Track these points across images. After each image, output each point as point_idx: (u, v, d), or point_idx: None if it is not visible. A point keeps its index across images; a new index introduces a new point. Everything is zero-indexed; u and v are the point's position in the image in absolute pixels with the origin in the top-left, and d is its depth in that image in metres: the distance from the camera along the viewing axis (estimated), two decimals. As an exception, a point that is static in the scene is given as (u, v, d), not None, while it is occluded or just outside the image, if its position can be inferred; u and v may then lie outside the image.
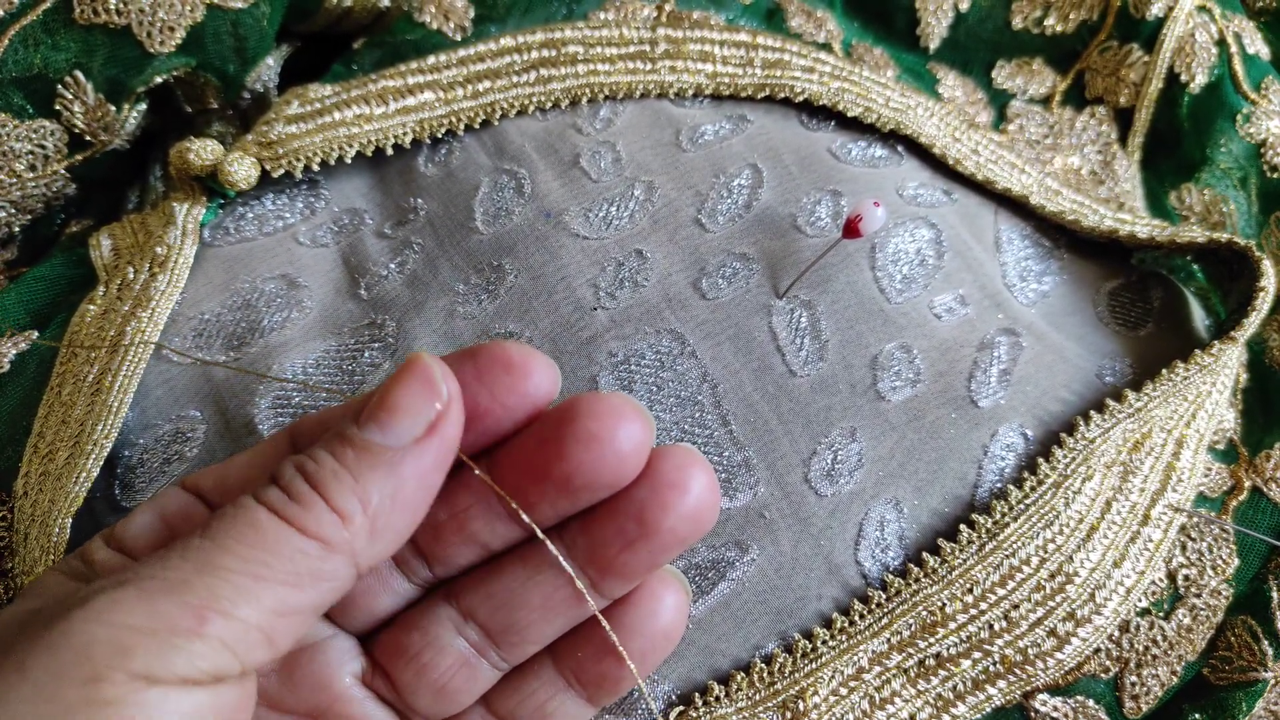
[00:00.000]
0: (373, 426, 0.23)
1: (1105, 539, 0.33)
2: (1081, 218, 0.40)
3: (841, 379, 0.34)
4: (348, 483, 0.23)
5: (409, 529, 0.24)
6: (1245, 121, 0.44)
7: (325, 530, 0.22)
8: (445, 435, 0.23)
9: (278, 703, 0.27)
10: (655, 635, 0.27)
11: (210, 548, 0.22)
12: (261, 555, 0.22)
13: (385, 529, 0.23)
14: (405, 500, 0.23)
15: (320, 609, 0.23)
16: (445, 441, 0.23)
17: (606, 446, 0.24)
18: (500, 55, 0.40)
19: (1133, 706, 0.34)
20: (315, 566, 0.22)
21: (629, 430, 0.24)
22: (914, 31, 0.47)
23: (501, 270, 0.35)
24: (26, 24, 0.37)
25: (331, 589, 0.23)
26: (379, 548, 0.23)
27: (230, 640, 0.21)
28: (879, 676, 0.32)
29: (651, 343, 0.33)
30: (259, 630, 0.21)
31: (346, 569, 0.23)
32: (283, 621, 0.22)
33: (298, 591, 0.22)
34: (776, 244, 0.35)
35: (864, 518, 0.33)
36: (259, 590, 0.21)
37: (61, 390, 0.33)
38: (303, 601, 0.22)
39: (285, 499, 0.23)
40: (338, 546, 0.22)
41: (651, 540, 0.25)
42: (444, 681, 0.27)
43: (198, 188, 0.37)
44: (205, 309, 0.35)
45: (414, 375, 0.23)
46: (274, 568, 0.22)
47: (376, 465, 0.23)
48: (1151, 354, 0.38)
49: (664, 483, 0.24)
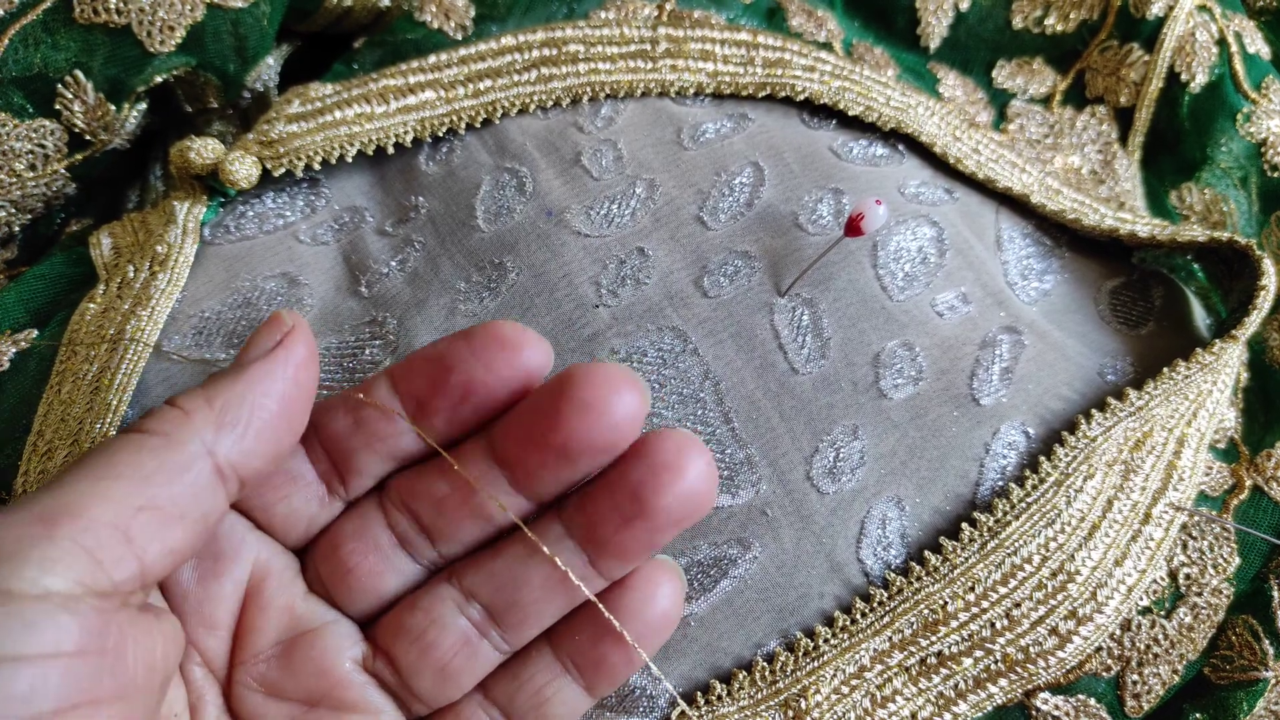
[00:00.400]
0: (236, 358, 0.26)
1: (1107, 537, 0.33)
2: (1082, 217, 0.40)
3: (843, 377, 0.34)
4: (195, 390, 0.25)
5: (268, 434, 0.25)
6: (1246, 121, 0.44)
7: (165, 425, 0.24)
8: (292, 349, 0.25)
9: (277, 689, 0.27)
10: (651, 620, 0.27)
11: (62, 470, 0.23)
12: (105, 460, 0.23)
13: (236, 420, 0.24)
14: (256, 400, 0.25)
15: (187, 512, 0.23)
16: (293, 354, 0.25)
17: (601, 413, 0.24)
18: (501, 54, 0.40)
19: (1134, 705, 0.34)
20: (161, 458, 0.23)
21: (622, 397, 0.25)
22: (914, 31, 0.47)
23: (503, 268, 0.35)
24: (26, 23, 0.37)
25: (189, 482, 0.23)
26: (234, 439, 0.24)
27: (83, 540, 0.21)
28: (880, 675, 0.32)
29: (654, 340, 0.33)
30: (111, 526, 0.22)
31: (200, 460, 0.23)
32: (140, 516, 0.22)
33: (147, 485, 0.22)
34: (778, 242, 0.35)
35: (866, 515, 0.33)
36: (105, 488, 0.22)
37: (61, 388, 0.33)
38: (158, 495, 0.23)
39: (139, 418, 0.24)
40: (181, 436, 0.23)
41: (648, 519, 0.25)
42: (446, 661, 0.27)
43: (198, 186, 0.37)
44: (206, 307, 0.35)
45: (267, 320, 0.26)
46: (118, 464, 0.22)
47: (223, 376, 0.25)
48: (1153, 353, 0.38)
49: (661, 463, 0.25)
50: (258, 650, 0.27)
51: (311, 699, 0.27)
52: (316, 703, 0.27)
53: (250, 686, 0.27)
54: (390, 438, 0.27)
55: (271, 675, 0.27)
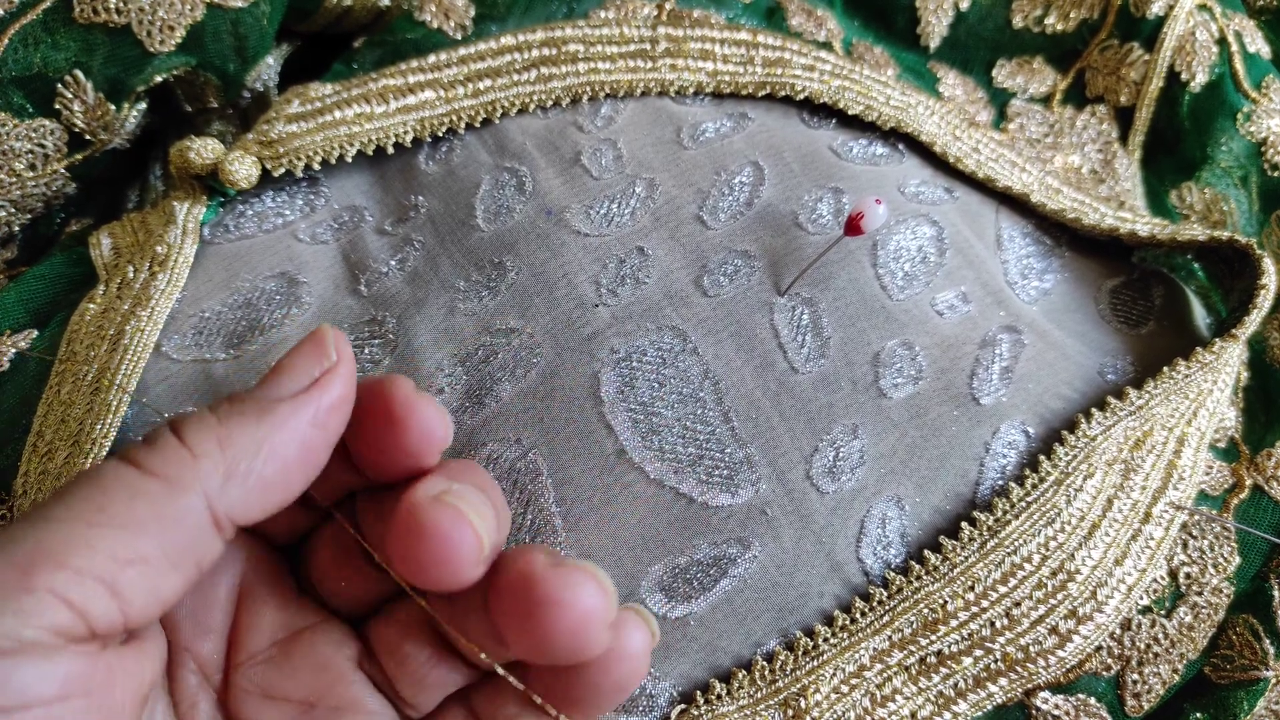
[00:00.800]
0: (260, 386, 0.23)
1: (1107, 537, 0.33)
2: (1082, 216, 0.40)
3: (843, 376, 0.34)
4: (209, 422, 0.22)
5: (279, 485, 0.23)
6: (1246, 120, 0.44)
7: (170, 468, 0.21)
8: (327, 392, 0.23)
9: (274, 691, 0.26)
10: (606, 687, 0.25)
11: (50, 502, 0.21)
12: (98, 499, 0.21)
13: (246, 474, 0.22)
14: (274, 450, 0.22)
15: (179, 561, 0.22)
16: (326, 398, 0.23)
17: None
18: (501, 54, 0.40)
19: (1134, 705, 0.34)
20: (158, 507, 0.21)
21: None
22: (914, 30, 0.47)
23: (502, 267, 0.35)
24: (26, 23, 0.37)
25: (183, 534, 0.21)
26: (239, 495, 0.22)
27: (64, 592, 0.20)
28: (880, 674, 0.32)
29: (653, 339, 0.33)
30: (97, 580, 0.20)
31: (198, 511, 0.22)
32: (128, 571, 0.20)
33: (138, 536, 0.21)
34: (778, 241, 0.35)
35: (866, 515, 0.33)
36: (93, 537, 0.20)
37: (61, 389, 0.33)
38: (147, 548, 0.21)
39: (140, 446, 0.22)
40: (183, 484, 0.21)
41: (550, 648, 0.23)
42: (422, 674, 0.26)
43: (198, 186, 0.37)
44: (206, 307, 0.35)
45: (308, 340, 0.23)
46: (109, 511, 0.21)
47: (246, 411, 0.22)
48: (1153, 352, 0.38)
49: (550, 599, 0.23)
50: (254, 652, 0.27)
51: (308, 699, 0.26)
52: (314, 703, 0.26)
53: (248, 690, 0.27)
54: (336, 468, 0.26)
55: (268, 677, 0.27)
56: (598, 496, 0.31)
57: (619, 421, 0.32)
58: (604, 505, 0.31)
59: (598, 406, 0.32)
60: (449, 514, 0.23)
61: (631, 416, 0.32)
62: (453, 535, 0.22)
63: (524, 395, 0.32)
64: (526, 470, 0.32)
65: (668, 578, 0.31)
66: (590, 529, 0.31)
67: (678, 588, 0.31)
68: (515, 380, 0.33)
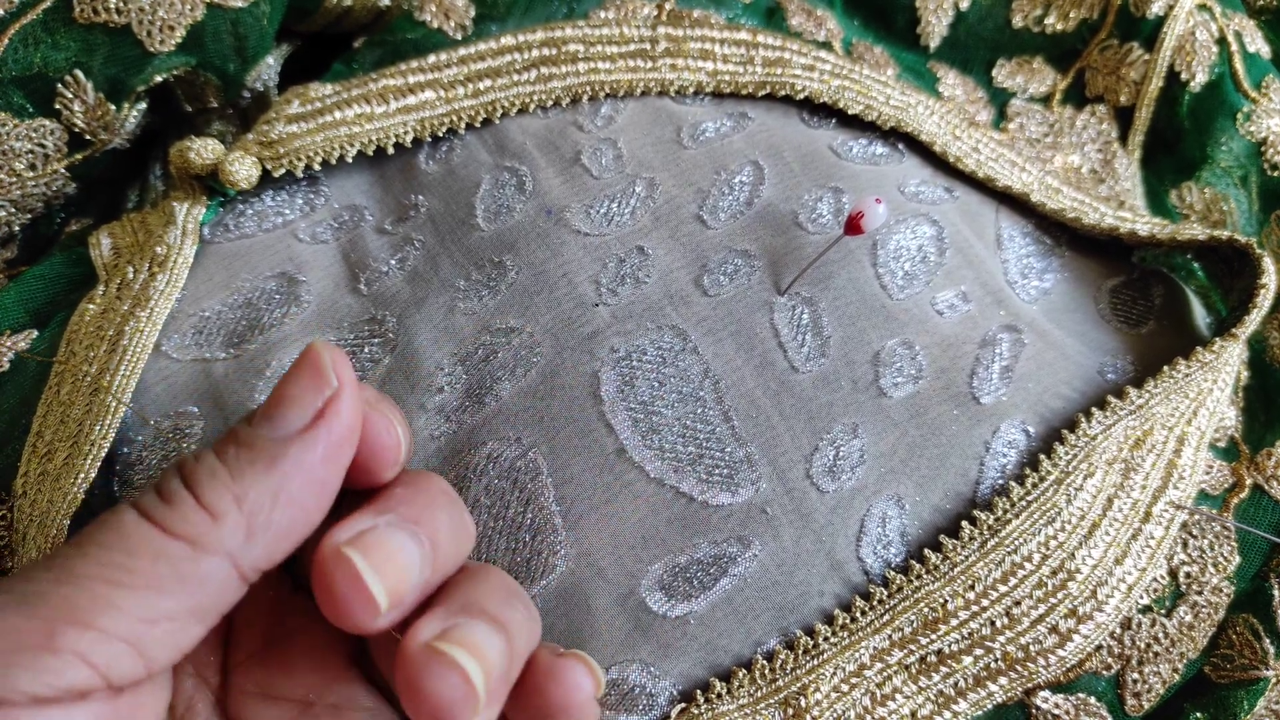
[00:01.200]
0: (262, 421, 0.22)
1: (1107, 536, 0.33)
2: (1082, 215, 0.40)
3: (843, 375, 0.34)
4: (223, 479, 0.22)
5: (299, 527, 0.23)
6: (1246, 120, 0.44)
7: (192, 529, 0.21)
8: (333, 424, 0.22)
9: (271, 690, 0.26)
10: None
11: (73, 555, 0.21)
12: (122, 559, 0.21)
13: (266, 527, 0.22)
14: (290, 496, 0.22)
15: (204, 615, 0.22)
16: (334, 431, 0.22)
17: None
18: (501, 54, 0.40)
19: (1134, 704, 0.34)
20: (182, 569, 0.21)
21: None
22: (914, 30, 0.47)
23: (503, 267, 0.35)
24: (26, 23, 0.37)
25: (209, 593, 0.21)
26: (261, 548, 0.22)
27: (88, 653, 0.20)
28: (880, 673, 0.32)
29: (653, 339, 0.33)
30: (122, 641, 0.20)
31: (223, 571, 0.22)
32: (153, 630, 0.20)
33: (164, 597, 0.21)
34: (778, 241, 0.35)
35: (866, 514, 0.33)
36: (119, 597, 0.20)
37: (60, 389, 0.33)
38: (173, 607, 0.21)
39: (156, 499, 0.22)
40: (207, 547, 0.21)
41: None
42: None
43: (198, 187, 0.37)
44: (206, 306, 0.35)
45: (304, 365, 0.23)
46: (135, 572, 0.20)
47: (256, 460, 0.22)
48: (1153, 351, 0.38)
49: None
50: (251, 652, 0.27)
51: (308, 698, 0.26)
52: (313, 702, 0.26)
53: (246, 690, 0.27)
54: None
55: (267, 676, 0.26)
56: (598, 495, 0.31)
57: (619, 420, 0.32)
58: (604, 504, 0.31)
59: (598, 405, 0.32)
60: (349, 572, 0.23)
61: (631, 415, 0.32)
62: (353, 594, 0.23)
63: (524, 394, 0.32)
64: (526, 469, 0.32)
65: (668, 576, 0.31)
66: (590, 528, 0.31)
67: (678, 586, 0.31)
68: (515, 379, 0.33)
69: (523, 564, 0.31)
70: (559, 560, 0.31)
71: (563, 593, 0.31)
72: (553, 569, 0.31)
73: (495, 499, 0.32)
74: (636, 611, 0.31)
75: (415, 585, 0.23)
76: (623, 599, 0.31)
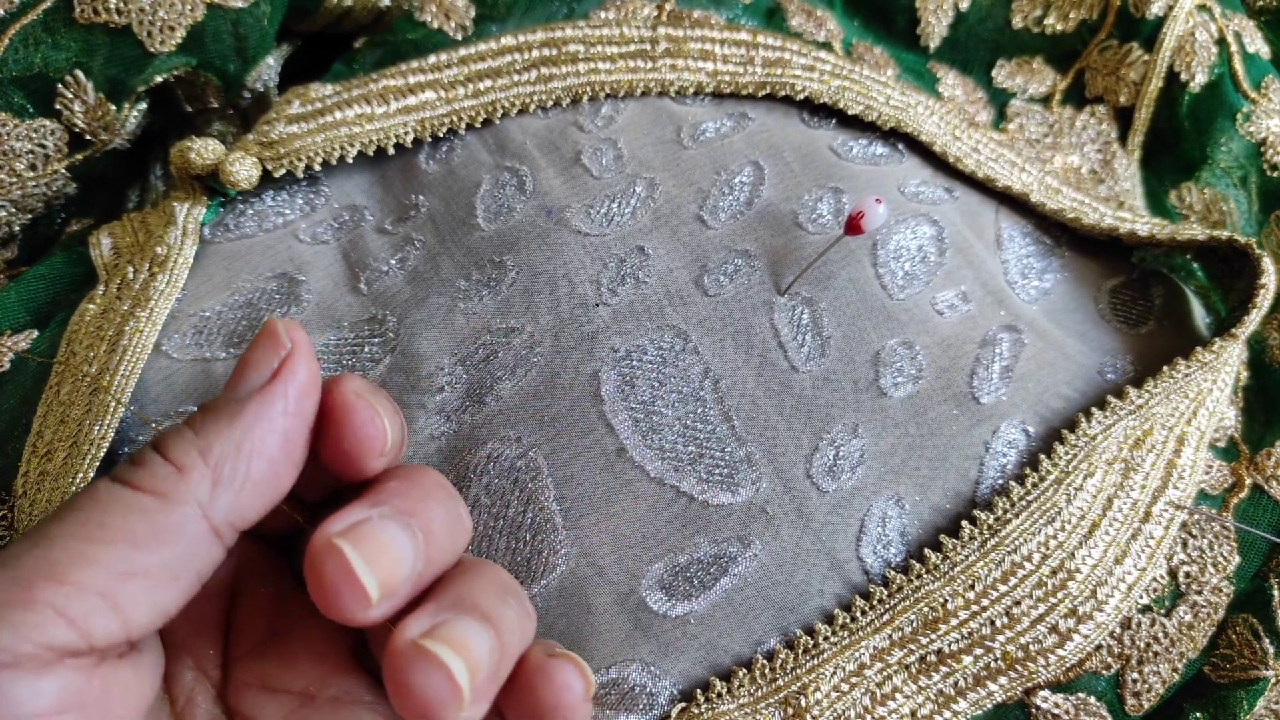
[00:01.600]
0: (226, 389, 0.24)
1: (1107, 536, 0.33)
2: (1082, 216, 0.40)
3: (843, 375, 0.34)
4: (187, 437, 0.23)
5: (267, 480, 0.23)
6: (1245, 120, 0.44)
7: (160, 483, 0.22)
8: (289, 379, 0.24)
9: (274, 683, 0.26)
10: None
11: (48, 521, 0.21)
12: (96, 518, 0.21)
13: (232, 476, 0.23)
14: (254, 447, 0.23)
15: (180, 572, 0.22)
16: (293, 385, 0.24)
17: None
18: (501, 54, 0.40)
19: (1134, 704, 0.34)
20: (155, 521, 0.22)
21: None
22: (914, 31, 0.47)
23: (503, 266, 0.35)
24: (27, 23, 0.37)
25: (183, 547, 0.22)
26: (229, 499, 0.23)
27: (65, 607, 0.20)
28: (880, 672, 0.32)
29: (654, 339, 0.33)
30: (98, 595, 0.21)
31: (195, 523, 0.22)
32: (129, 584, 0.21)
33: (138, 550, 0.21)
34: (778, 241, 0.35)
35: (866, 514, 0.33)
36: (93, 552, 0.21)
37: (60, 389, 0.33)
38: (148, 561, 0.21)
39: (128, 465, 0.23)
40: (176, 497, 0.22)
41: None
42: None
43: (198, 187, 0.37)
44: (206, 306, 0.35)
45: (260, 335, 0.24)
46: (108, 527, 0.21)
47: (219, 417, 0.23)
48: (1153, 351, 0.38)
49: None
50: (251, 646, 0.27)
51: (308, 690, 0.26)
52: (313, 694, 0.26)
53: (248, 683, 0.27)
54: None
55: (267, 670, 0.27)
56: (598, 495, 0.32)
57: (619, 420, 0.32)
58: (604, 504, 0.31)
59: (598, 405, 0.32)
60: (339, 563, 0.23)
61: (632, 415, 0.32)
62: (345, 585, 0.23)
63: (524, 394, 0.33)
64: (527, 469, 0.32)
65: (668, 576, 0.31)
66: (590, 527, 0.31)
67: (678, 586, 0.31)
68: (515, 379, 0.33)
69: (523, 563, 0.31)
70: (559, 560, 0.31)
71: (563, 592, 0.31)
72: (553, 568, 0.31)
73: (495, 498, 0.32)
74: (637, 611, 0.31)
75: (407, 578, 0.24)
76: (623, 598, 0.31)
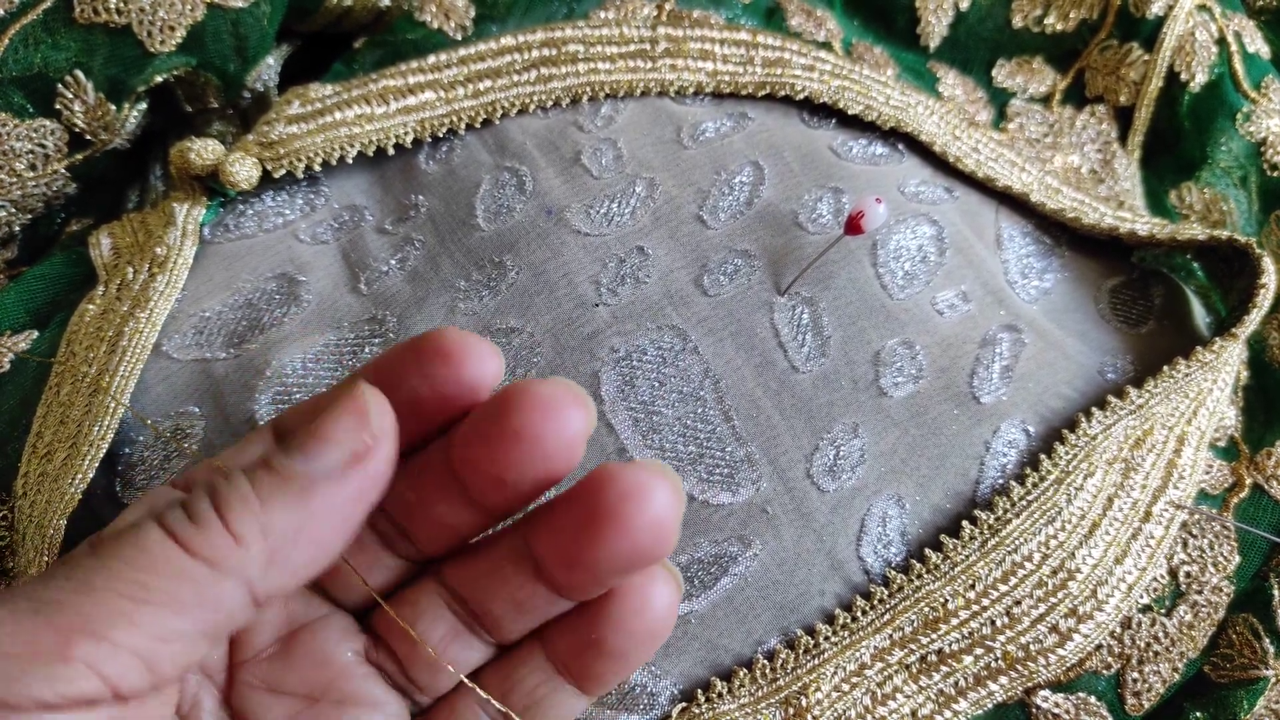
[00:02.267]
0: (297, 453, 0.22)
1: (1107, 535, 0.33)
2: (1082, 215, 0.40)
3: (844, 375, 0.34)
4: (253, 506, 0.22)
5: (316, 563, 0.23)
6: (1245, 120, 0.44)
7: (215, 552, 0.21)
8: (369, 470, 0.22)
9: (278, 685, 0.27)
10: (638, 633, 0.25)
11: (93, 566, 0.21)
12: (143, 576, 0.21)
13: (286, 561, 0.22)
14: (313, 535, 0.22)
15: (213, 636, 0.22)
16: (369, 477, 0.22)
17: (534, 444, 0.23)
18: (501, 54, 0.40)
19: (1134, 703, 0.34)
20: (201, 591, 0.21)
21: (556, 424, 0.23)
22: (914, 30, 0.47)
23: (503, 267, 0.35)
24: (27, 23, 0.37)
25: (222, 616, 0.22)
26: (278, 579, 0.22)
27: (100, 665, 0.20)
28: (881, 672, 0.32)
29: (653, 339, 0.33)
30: (134, 656, 0.20)
31: (239, 595, 0.22)
32: (166, 647, 0.21)
33: (180, 616, 0.21)
34: (778, 241, 0.35)
35: (866, 513, 0.33)
36: (135, 613, 0.20)
37: (60, 389, 0.33)
38: (186, 627, 0.21)
39: (183, 518, 0.22)
40: (228, 570, 0.21)
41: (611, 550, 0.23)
42: (439, 653, 0.26)
43: (198, 187, 0.37)
44: (206, 306, 0.35)
45: (348, 406, 0.23)
46: (154, 589, 0.21)
47: (288, 491, 0.22)
48: (1153, 351, 0.38)
49: (624, 492, 0.23)
50: (257, 649, 0.27)
51: (313, 693, 0.27)
52: (318, 697, 0.27)
53: (252, 685, 0.27)
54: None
55: (273, 672, 0.27)
56: (598, 495, 0.31)
57: (619, 420, 0.32)
58: (605, 504, 0.31)
59: (598, 405, 0.32)
60: (557, 394, 0.23)
61: (632, 415, 0.32)
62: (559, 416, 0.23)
63: (524, 394, 0.32)
64: (527, 469, 0.32)
65: (668, 576, 0.31)
66: (591, 528, 0.31)
67: (678, 586, 0.31)
68: (516, 379, 0.33)
69: (523, 564, 0.31)
70: (560, 560, 0.31)
71: (563, 592, 0.31)
72: (553, 569, 0.31)
73: (496, 499, 0.32)
74: (637, 611, 0.31)
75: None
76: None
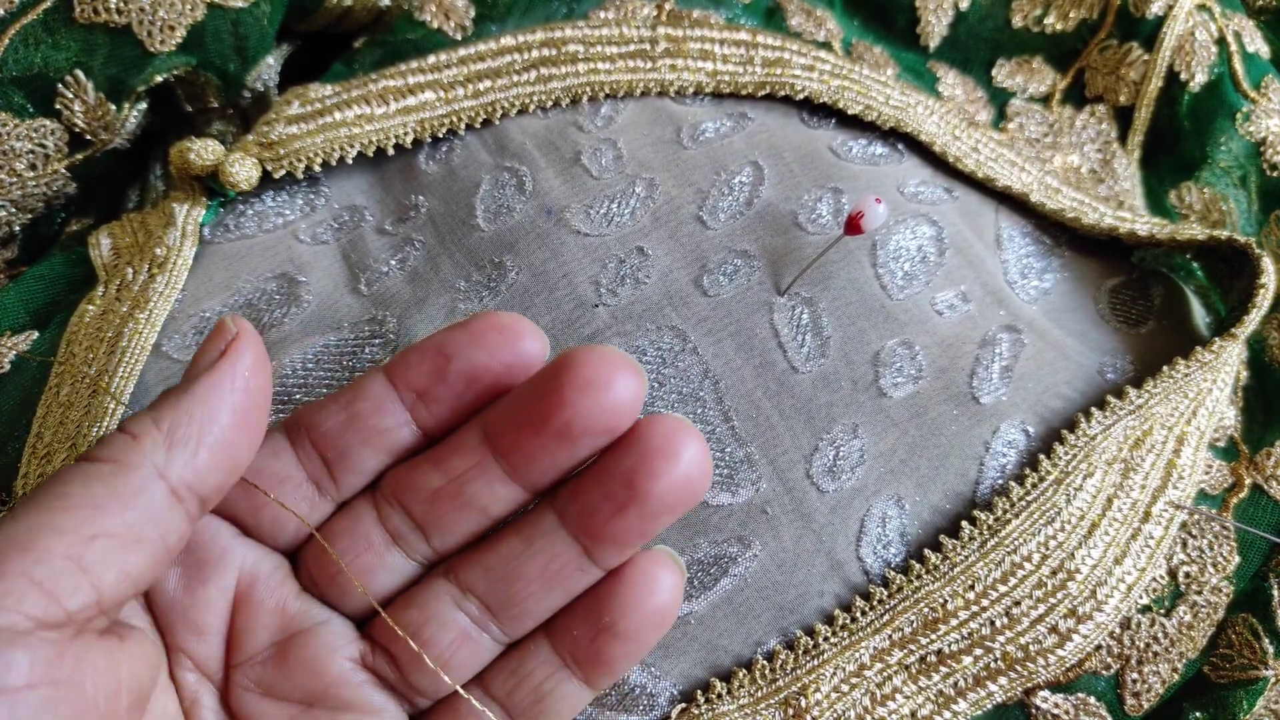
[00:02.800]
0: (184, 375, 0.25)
1: (1106, 536, 0.33)
2: (1081, 215, 0.40)
3: (843, 375, 0.34)
4: (143, 412, 0.24)
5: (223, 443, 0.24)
6: (1245, 120, 0.44)
7: (116, 452, 0.23)
8: (238, 357, 0.25)
9: (274, 690, 0.27)
10: (649, 613, 0.27)
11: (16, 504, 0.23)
12: (57, 489, 0.22)
13: (187, 438, 0.24)
14: (207, 414, 0.24)
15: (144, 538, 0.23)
16: (241, 362, 0.25)
17: (603, 392, 0.25)
18: (501, 54, 0.40)
19: (1134, 704, 0.34)
20: (112, 486, 0.23)
21: (624, 377, 0.25)
22: (914, 30, 0.47)
23: (503, 267, 0.35)
24: (27, 23, 0.37)
25: (144, 507, 0.23)
26: (185, 457, 0.24)
27: (33, 573, 0.21)
28: (880, 673, 0.32)
29: (653, 339, 0.33)
30: (64, 558, 0.21)
31: (153, 484, 0.23)
32: (94, 546, 0.22)
33: (100, 514, 0.22)
34: (778, 241, 0.35)
35: (866, 514, 0.33)
36: (56, 520, 0.22)
37: (60, 390, 0.33)
38: (112, 524, 0.22)
39: (90, 448, 0.24)
40: (131, 461, 0.23)
41: (641, 506, 0.25)
42: (446, 657, 0.27)
43: (198, 187, 0.37)
44: (206, 307, 0.35)
45: (213, 330, 0.26)
46: (69, 495, 0.22)
47: (171, 393, 0.25)
48: (1152, 351, 0.38)
49: (655, 448, 0.25)
50: (252, 653, 0.27)
51: (308, 699, 0.27)
52: (313, 702, 0.27)
53: (248, 688, 0.27)
54: (387, 432, 0.27)
55: (268, 676, 0.27)
56: (598, 495, 0.31)
57: (619, 421, 0.32)
58: (604, 504, 0.31)
59: None
60: (621, 354, 0.25)
61: (632, 416, 0.32)
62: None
63: (524, 395, 0.32)
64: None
65: (668, 577, 0.31)
66: (591, 528, 0.31)
67: (678, 586, 0.31)
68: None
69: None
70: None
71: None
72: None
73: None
74: (637, 611, 0.31)
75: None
76: None
